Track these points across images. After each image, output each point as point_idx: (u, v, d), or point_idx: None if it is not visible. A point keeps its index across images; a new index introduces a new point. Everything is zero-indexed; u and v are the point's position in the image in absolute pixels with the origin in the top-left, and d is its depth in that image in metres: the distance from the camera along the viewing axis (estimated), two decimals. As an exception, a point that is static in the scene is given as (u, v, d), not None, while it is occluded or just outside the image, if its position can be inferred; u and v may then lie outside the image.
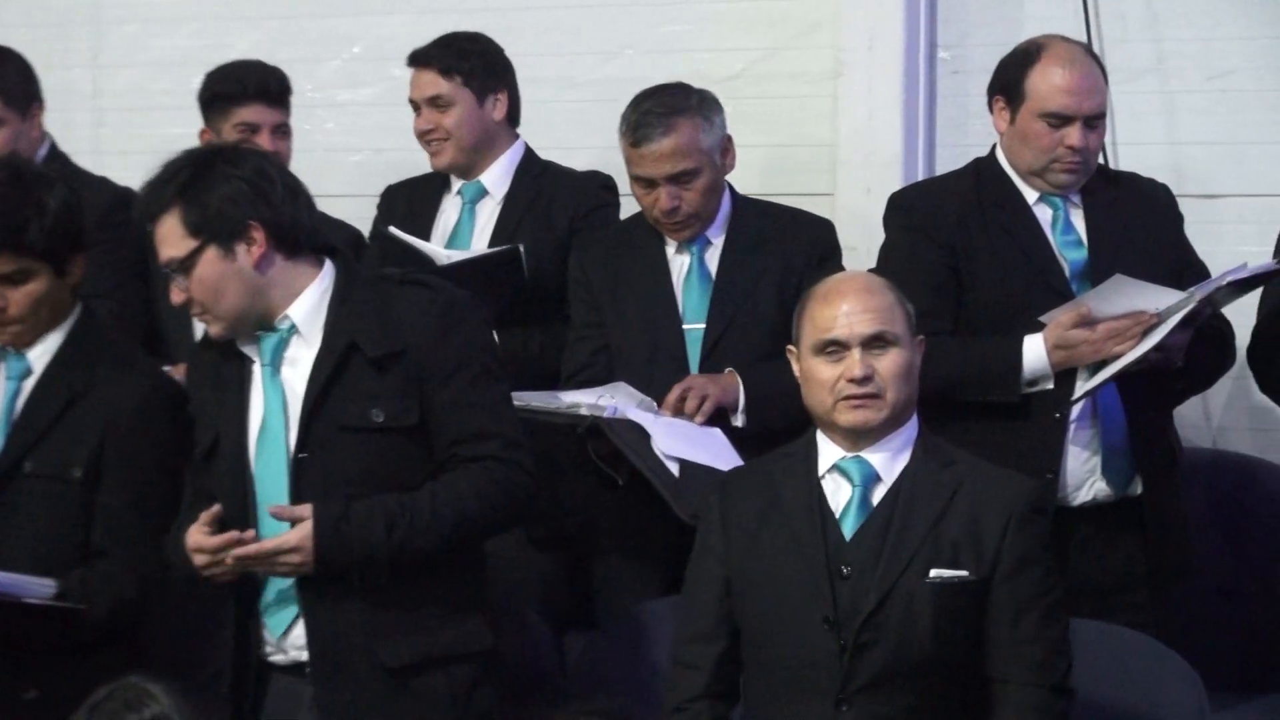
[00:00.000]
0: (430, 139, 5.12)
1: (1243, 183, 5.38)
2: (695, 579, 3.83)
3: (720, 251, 4.75)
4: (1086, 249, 4.50)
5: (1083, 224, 4.53)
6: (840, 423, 3.69)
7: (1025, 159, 4.52)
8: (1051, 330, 4.33)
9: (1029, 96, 4.48)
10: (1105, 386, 4.35)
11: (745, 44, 5.81)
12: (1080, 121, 4.45)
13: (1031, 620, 3.62)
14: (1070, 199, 4.54)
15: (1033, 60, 4.52)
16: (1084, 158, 4.48)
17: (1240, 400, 5.29)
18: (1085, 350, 4.30)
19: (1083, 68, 4.50)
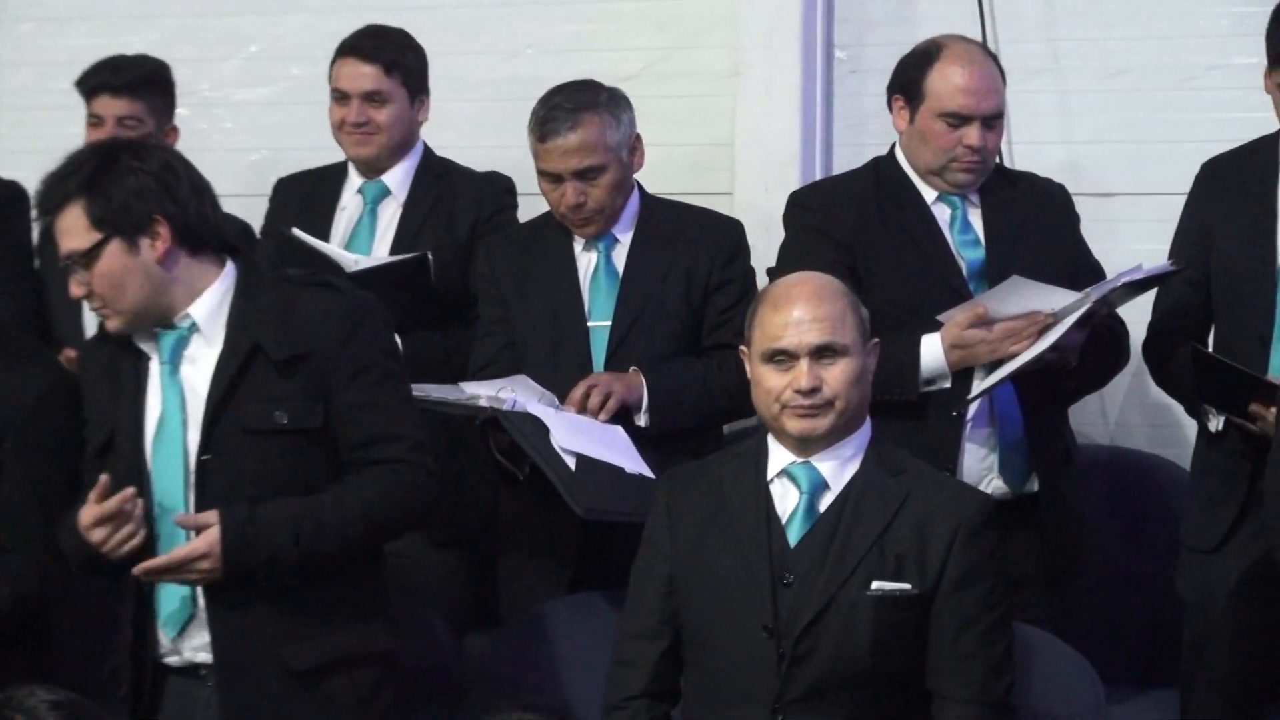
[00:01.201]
0: (358, 131, 5.07)
1: (1138, 181, 5.42)
2: (639, 576, 3.82)
3: (628, 249, 4.74)
4: (984, 248, 4.53)
5: (980, 223, 4.56)
6: (788, 430, 3.68)
7: (924, 158, 4.54)
8: (948, 330, 4.35)
9: (928, 96, 4.51)
10: (1001, 386, 4.38)
11: (643, 43, 5.82)
12: (979, 121, 4.48)
13: (973, 636, 3.61)
14: (968, 198, 4.57)
15: (932, 60, 4.54)
16: (982, 157, 4.51)
17: (1136, 397, 5.34)
18: (982, 350, 4.32)
19: (981, 68, 4.53)
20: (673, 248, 4.73)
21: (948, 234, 4.53)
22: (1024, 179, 4.77)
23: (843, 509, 3.66)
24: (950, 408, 4.40)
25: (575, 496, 4.23)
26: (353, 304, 3.82)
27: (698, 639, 3.72)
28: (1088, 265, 4.62)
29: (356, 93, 5.06)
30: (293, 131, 5.94)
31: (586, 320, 4.70)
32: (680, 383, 4.63)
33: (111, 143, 3.91)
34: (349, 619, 3.78)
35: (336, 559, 3.72)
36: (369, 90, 5.06)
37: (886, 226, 4.51)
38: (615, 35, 5.84)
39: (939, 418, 4.41)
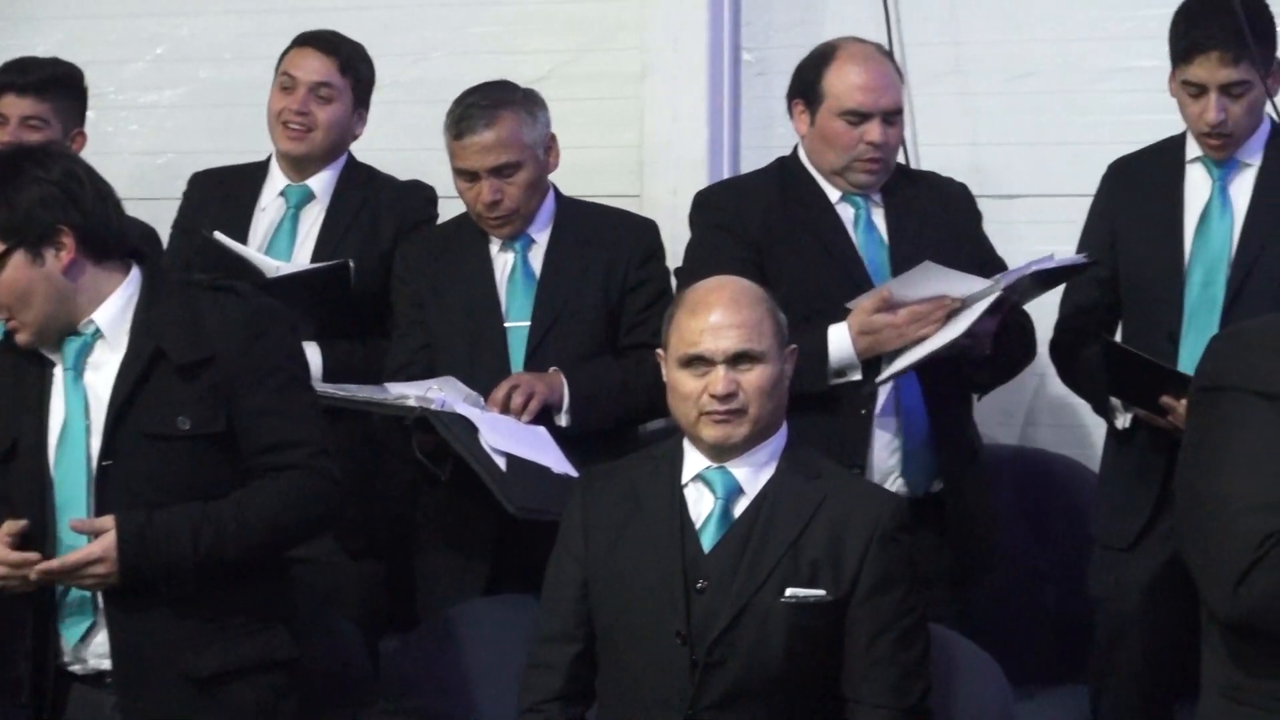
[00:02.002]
0: (296, 122, 5.00)
1: (1042, 183, 5.43)
2: (553, 579, 3.79)
3: (544, 250, 4.73)
4: (888, 247, 4.54)
5: (884, 222, 4.57)
6: (702, 437, 3.66)
7: (827, 159, 4.54)
8: (855, 316, 4.34)
9: (827, 96, 4.52)
10: (908, 376, 4.39)
11: (552, 46, 5.80)
12: (878, 118, 4.49)
13: (888, 642, 3.60)
14: (871, 198, 4.58)
15: (828, 61, 4.57)
16: (884, 154, 4.52)
17: (1042, 397, 5.36)
18: (889, 334, 4.31)
19: (877, 65, 4.56)
20: (589, 249, 4.73)
21: (852, 233, 4.54)
22: (926, 178, 4.80)
23: (757, 514, 3.65)
24: (859, 406, 4.40)
25: (508, 496, 4.23)
26: (257, 309, 3.77)
27: (611, 643, 3.70)
28: (992, 263, 4.63)
29: (306, 82, 4.99)
30: (199, 134, 5.89)
31: (504, 321, 4.69)
32: (600, 383, 4.63)
33: (14, 151, 3.85)
34: (251, 625, 3.74)
35: (237, 565, 3.67)
36: (319, 81, 4.99)
37: (792, 225, 4.52)
38: (523, 38, 5.82)
39: (848, 416, 4.40)
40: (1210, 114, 4.41)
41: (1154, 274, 4.52)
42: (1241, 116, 4.42)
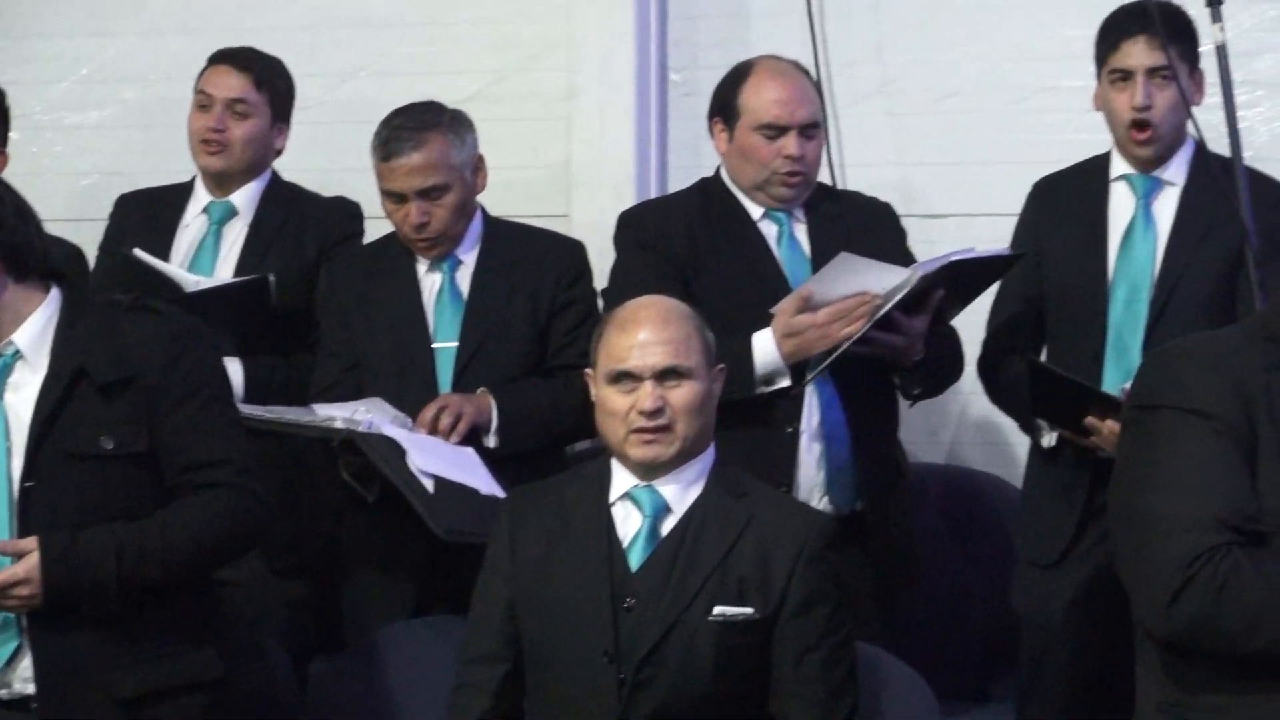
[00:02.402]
0: (213, 138, 4.99)
1: (969, 203, 5.46)
2: (481, 599, 3.77)
3: (472, 271, 4.72)
4: (810, 264, 4.54)
5: (806, 239, 4.58)
6: (631, 456, 3.66)
7: (747, 175, 4.55)
8: (778, 320, 4.34)
9: (743, 112, 4.54)
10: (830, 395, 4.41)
11: (479, 66, 5.80)
12: (795, 131, 4.50)
13: (817, 659, 3.60)
14: (794, 215, 4.58)
15: (743, 78, 4.59)
16: (803, 168, 4.53)
17: (969, 415, 5.38)
18: (813, 335, 4.31)
19: (792, 79, 4.58)
20: (517, 269, 4.72)
21: (775, 250, 4.54)
22: (849, 196, 4.84)
23: (685, 533, 3.64)
24: (785, 424, 4.40)
25: (435, 519, 4.21)
26: (178, 327, 3.74)
27: (539, 662, 3.68)
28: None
29: (222, 99, 4.98)
30: (125, 155, 5.87)
31: (432, 342, 4.68)
32: (528, 404, 4.62)
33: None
34: (177, 646, 3.70)
35: (162, 584, 3.64)
36: (234, 98, 4.98)
37: (715, 243, 4.52)
38: (451, 58, 5.82)
39: (775, 433, 4.40)
40: (1138, 97, 4.45)
41: (1078, 292, 4.55)
42: (1166, 111, 4.46)
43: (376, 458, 4.26)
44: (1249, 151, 4.28)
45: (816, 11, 5.60)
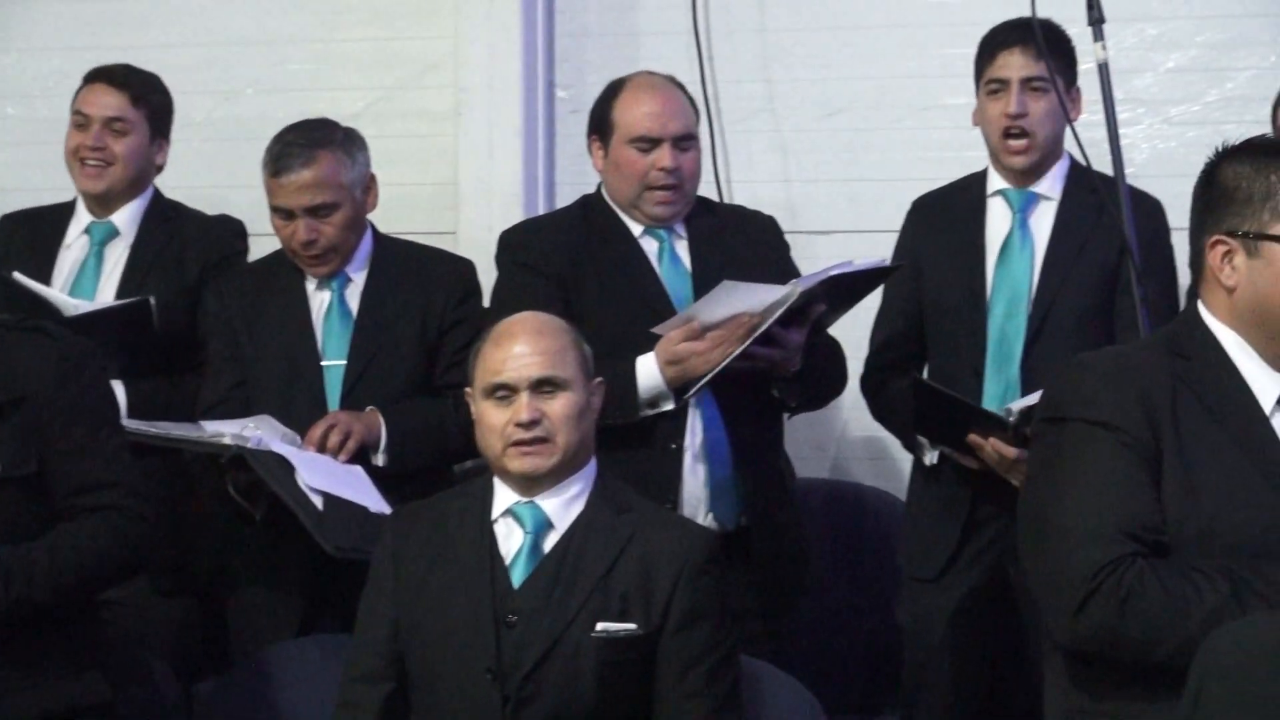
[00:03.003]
0: (92, 158, 4.95)
1: (855, 219, 5.50)
2: (365, 617, 3.74)
3: (361, 289, 4.71)
4: (692, 280, 4.55)
5: (688, 255, 4.59)
6: (510, 469, 3.65)
7: (623, 190, 4.56)
8: (661, 347, 4.34)
9: (617, 127, 4.55)
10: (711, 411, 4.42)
11: (365, 83, 5.79)
12: (669, 143, 4.51)
13: (699, 675, 3.59)
14: (675, 230, 4.59)
15: (616, 93, 4.61)
16: (678, 180, 4.53)
17: (854, 430, 5.40)
18: (696, 362, 4.30)
19: (664, 92, 4.60)
20: (406, 287, 4.72)
21: (656, 267, 4.55)
22: (730, 211, 4.84)
23: (567, 548, 3.64)
24: (669, 440, 4.41)
25: (325, 536, 4.19)
26: (67, 349, 3.72)
27: (423, 681, 3.65)
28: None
29: (99, 118, 4.94)
30: (7, 173, 5.81)
31: (321, 359, 4.66)
32: (417, 422, 4.61)
33: None
34: (63, 670, 3.67)
35: (49, 608, 3.61)
36: (111, 116, 4.95)
37: (596, 261, 4.52)
38: (337, 75, 5.81)
39: (660, 450, 4.41)
40: (1011, 105, 4.51)
41: (957, 308, 4.59)
42: (1041, 119, 4.52)
43: (265, 474, 4.24)
44: (1130, 169, 4.32)
45: (703, 30, 5.63)
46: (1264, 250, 3.00)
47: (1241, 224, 3.01)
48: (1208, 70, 5.44)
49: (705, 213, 4.67)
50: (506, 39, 5.62)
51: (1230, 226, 3.02)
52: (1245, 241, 3.01)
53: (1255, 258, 3.01)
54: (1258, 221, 3.00)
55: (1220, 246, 3.02)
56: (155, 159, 5.04)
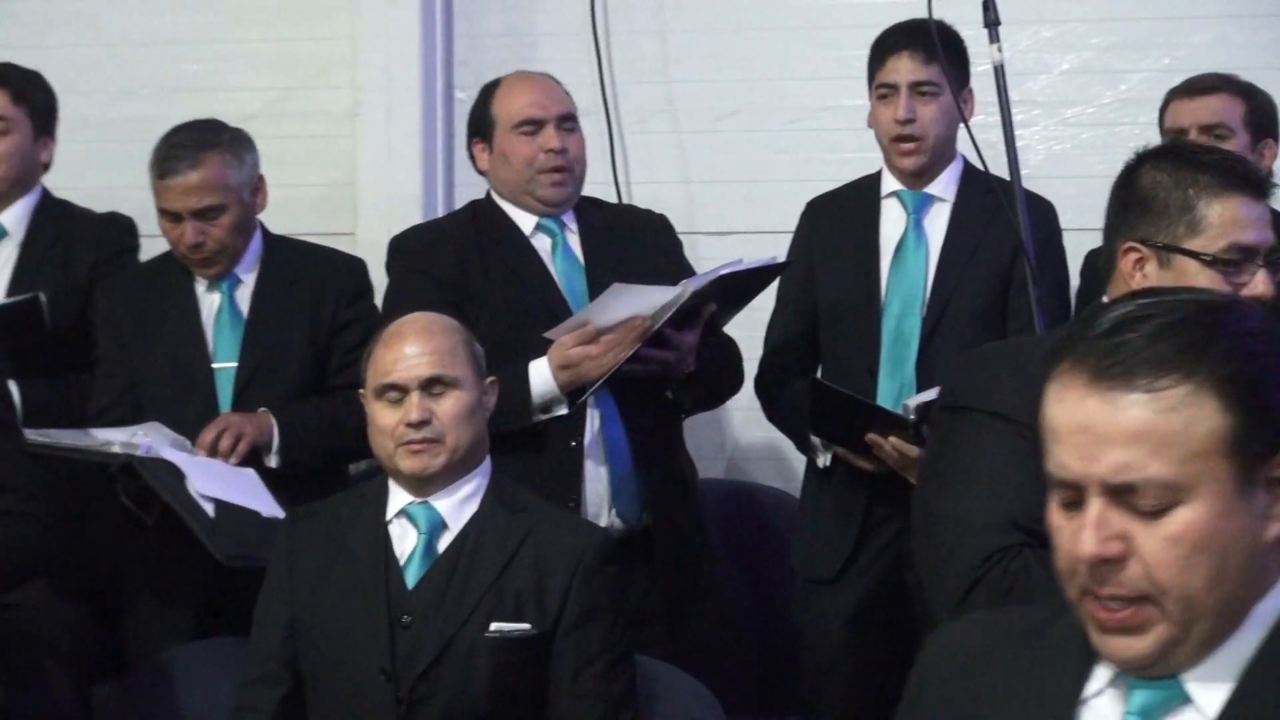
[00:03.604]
0: None
1: (753, 220, 5.51)
2: (260, 620, 3.74)
3: (252, 290, 4.70)
4: (586, 274, 4.56)
5: (581, 250, 4.60)
6: (401, 469, 3.65)
7: (512, 179, 4.56)
8: (554, 352, 4.33)
9: (499, 120, 4.57)
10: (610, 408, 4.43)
11: (262, 84, 5.77)
12: (552, 124, 4.54)
13: (594, 675, 3.60)
14: (566, 225, 4.60)
15: (493, 91, 4.65)
16: (566, 161, 4.55)
17: (752, 430, 5.41)
18: (590, 367, 4.31)
19: (541, 80, 4.67)
20: (297, 288, 4.71)
21: (549, 264, 4.55)
22: (620, 209, 4.90)
23: (461, 549, 3.64)
24: (569, 438, 4.40)
25: (216, 544, 4.18)
26: None
27: (319, 682, 3.65)
28: None
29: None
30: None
31: (211, 362, 4.65)
32: (310, 423, 4.62)
33: None
34: (-43, 674, 3.66)
35: None
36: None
37: (488, 262, 4.51)
38: (234, 75, 5.78)
39: (558, 449, 4.40)
40: (900, 110, 4.53)
41: (852, 308, 4.61)
42: (931, 122, 4.55)
43: (155, 483, 4.23)
44: (1025, 170, 4.33)
45: (601, 31, 5.64)
46: (1175, 262, 2.99)
47: (1156, 234, 3.00)
48: (1103, 72, 5.48)
49: (595, 209, 4.70)
50: (405, 40, 5.61)
51: (1144, 235, 3.01)
52: (1158, 251, 3.00)
53: (1166, 269, 3.00)
54: (1172, 234, 2.99)
55: (1133, 253, 3.02)
56: (40, 157, 5.01)
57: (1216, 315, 2.09)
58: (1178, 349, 2.04)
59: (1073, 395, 2.07)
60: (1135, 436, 2.03)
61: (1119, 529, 2.05)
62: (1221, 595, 2.04)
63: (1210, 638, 2.06)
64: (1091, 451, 2.05)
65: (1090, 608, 2.08)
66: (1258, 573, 2.07)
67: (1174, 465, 2.02)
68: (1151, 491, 2.03)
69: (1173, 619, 2.05)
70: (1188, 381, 2.03)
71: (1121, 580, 2.05)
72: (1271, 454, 2.05)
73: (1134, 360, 2.04)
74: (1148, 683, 2.09)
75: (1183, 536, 2.02)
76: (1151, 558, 2.04)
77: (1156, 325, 2.05)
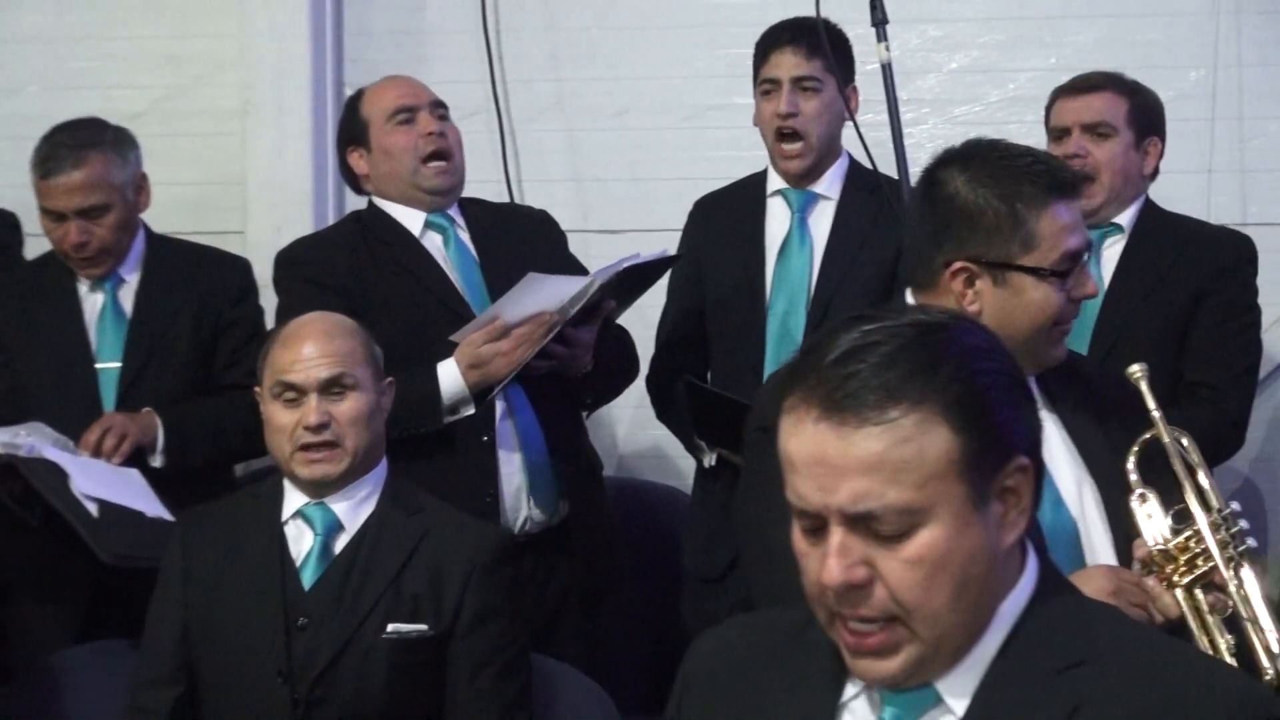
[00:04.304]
0: None
1: (645, 218, 5.53)
2: (154, 622, 3.72)
3: (135, 290, 4.69)
4: (480, 268, 4.56)
5: (472, 245, 4.59)
6: (299, 474, 3.64)
7: (397, 172, 4.55)
8: (463, 351, 4.32)
9: (373, 119, 4.57)
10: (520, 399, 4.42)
11: (151, 81, 5.75)
12: (426, 109, 4.56)
13: (490, 674, 3.62)
14: (456, 222, 4.59)
15: (359, 97, 4.67)
16: (446, 146, 4.55)
17: (645, 429, 5.42)
18: (499, 364, 4.30)
19: (405, 78, 4.69)
20: (181, 288, 4.72)
21: (443, 262, 4.54)
22: (503, 206, 4.90)
23: (358, 550, 3.64)
24: (481, 433, 4.39)
25: (100, 544, 4.15)
26: None
27: (213, 684, 3.65)
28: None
29: None
30: None
31: (94, 362, 4.64)
32: (194, 422, 4.61)
33: None
34: None
35: None
36: None
37: (381, 266, 4.49)
38: (122, 73, 5.75)
39: (472, 445, 4.39)
40: (782, 104, 4.56)
41: (737, 306, 4.64)
42: (813, 118, 4.58)
43: (38, 483, 4.20)
44: (914, 168, 4.34)
45: (492, 28, 5.64)
46: (1012, 279, 2.98)
47: (988, 251, 2.98)
48: (990, 71, 5.54)
49: (479, 207, 4.71)
50: (294, 37, 5.60)
51: (976, 253, 2.98)
52: (992, 270, 2.98)
53: (1002, 286, 2.99)
54: (1007, 251, 2.97)
55: (964, 272, 2.99)
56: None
57: (939, 336, 2.12)
58: (904, 377, 2.07)
59: (806, 429, 2.10)
60: (870, 467, 2.06)
61: (862, 555, 2.09)
62: (967, 608, 2.11)
63: (960, 646, 2.13)
64: (828, 483, 2.08)
65: (840, 632, 2.13)
66: (999, 577, 2.14)
67: (910, 491, 2.06)
68: (890, 518, 2.07)
69: (922, 638, 2.10)
70: (917, 410, 2.07)
71: (869, 604, 2.10)
72: (1002, 466, 2.11)
73: (863, 391, 2.07)
74: (901, 691, 2.15)
75: (924, 558, 2.08)
76: (895, 581, 2.08)
77: (882, 354, 2.08)
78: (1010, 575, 2.16)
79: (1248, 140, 5.40)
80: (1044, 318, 2.99)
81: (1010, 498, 2.13)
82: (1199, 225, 4.70)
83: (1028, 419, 2.16)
